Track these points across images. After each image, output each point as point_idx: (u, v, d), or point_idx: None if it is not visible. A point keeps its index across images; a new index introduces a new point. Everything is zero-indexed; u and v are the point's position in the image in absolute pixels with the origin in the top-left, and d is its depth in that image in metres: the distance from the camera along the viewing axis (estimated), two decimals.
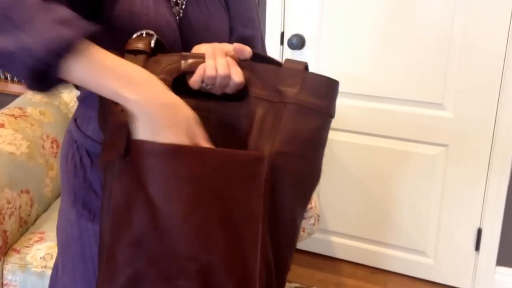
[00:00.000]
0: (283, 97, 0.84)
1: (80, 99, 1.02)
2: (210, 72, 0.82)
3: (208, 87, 0.85)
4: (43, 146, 1.88)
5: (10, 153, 1.72)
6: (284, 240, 0.86)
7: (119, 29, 0.89)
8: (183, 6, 0.95)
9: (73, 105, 2.18)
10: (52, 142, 1.94)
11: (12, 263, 1.58)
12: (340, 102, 2.40)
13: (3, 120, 1.84)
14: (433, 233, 2.18)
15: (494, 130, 1.98)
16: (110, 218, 0.80)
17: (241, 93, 0.86)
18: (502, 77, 1.92)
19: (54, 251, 1.55)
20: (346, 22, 2.07)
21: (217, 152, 0.80)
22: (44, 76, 0.70)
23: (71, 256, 1.05)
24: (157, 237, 0.78)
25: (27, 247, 1.63)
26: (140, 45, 0.83)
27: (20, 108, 1.98)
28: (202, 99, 0.85)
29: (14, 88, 2.62)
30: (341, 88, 0.92)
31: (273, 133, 0.83)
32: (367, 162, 2.21)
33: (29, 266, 1.58)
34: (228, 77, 0.83)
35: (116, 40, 0.88)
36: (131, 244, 0.79)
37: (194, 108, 0.80)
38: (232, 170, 0.79)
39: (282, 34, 2.19)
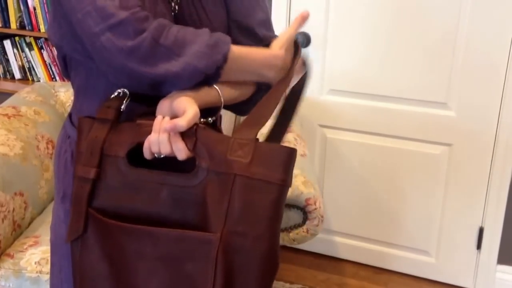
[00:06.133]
0: (232, 168, 0.80)
1: (76, 91, 1.01)
2: (154, 149, 0.84)
3: (161, 156, 0.85)
4: (37, 146, 1.84)
5: (3, 154, 1.68)
6: None
7: None
8: (178, 1, 0.95)
9: (69, 104, 2.14)
10: (47, 143, 1.89)
11: (5, 269, 1.54)
12: (344, 100, 2.38)
13: None
14: (435, 232, 2.19)
15: (497, 129, 1.99)
16: (79, 283, 0.91)
17: (192, 161, 0.84)
18: (505, 77, 1.94)
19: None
20: (352, 21, 2.06)
21: (169, 232, 0.83)
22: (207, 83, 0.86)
23: (59, 255, 1.05)
24: None
25: (21, 251, 1.59)
26: (109, 112, 0.88)
27: (14, 107, 1.93)
28: (158, 170, 0.86)
29: (8, 85, 2.54)
30: (345, 87, 0.90)
31: (224, 210, 0.81)
32: (370, 161, 2.20)
33: (23, 271, 1.54)
34: (170, 154, 0.83)
35: None
36: None
37: (148, 180, 0.85)
38: (183, 249, 0.82)
39: None
